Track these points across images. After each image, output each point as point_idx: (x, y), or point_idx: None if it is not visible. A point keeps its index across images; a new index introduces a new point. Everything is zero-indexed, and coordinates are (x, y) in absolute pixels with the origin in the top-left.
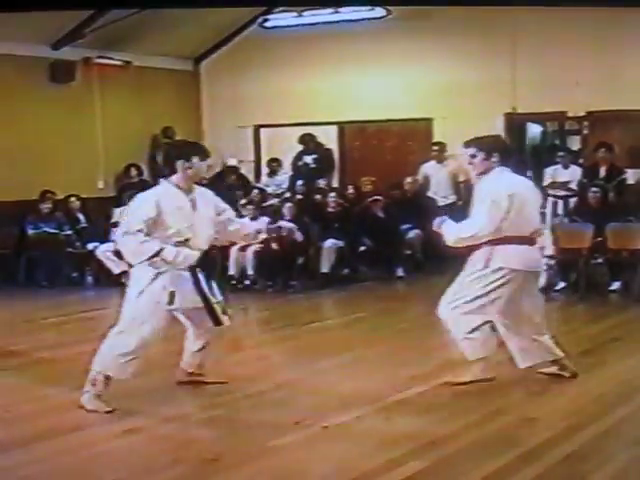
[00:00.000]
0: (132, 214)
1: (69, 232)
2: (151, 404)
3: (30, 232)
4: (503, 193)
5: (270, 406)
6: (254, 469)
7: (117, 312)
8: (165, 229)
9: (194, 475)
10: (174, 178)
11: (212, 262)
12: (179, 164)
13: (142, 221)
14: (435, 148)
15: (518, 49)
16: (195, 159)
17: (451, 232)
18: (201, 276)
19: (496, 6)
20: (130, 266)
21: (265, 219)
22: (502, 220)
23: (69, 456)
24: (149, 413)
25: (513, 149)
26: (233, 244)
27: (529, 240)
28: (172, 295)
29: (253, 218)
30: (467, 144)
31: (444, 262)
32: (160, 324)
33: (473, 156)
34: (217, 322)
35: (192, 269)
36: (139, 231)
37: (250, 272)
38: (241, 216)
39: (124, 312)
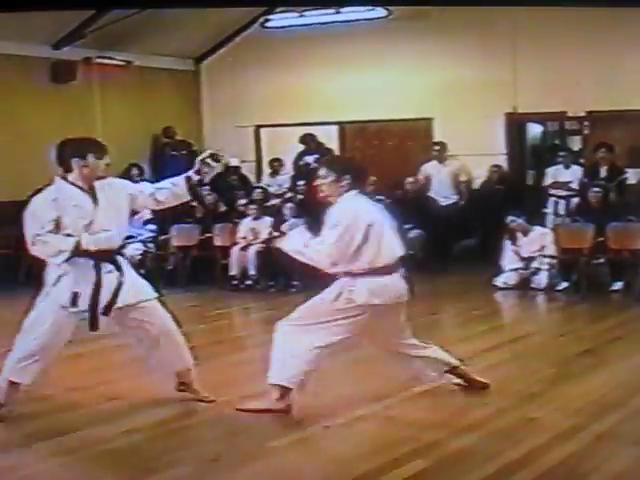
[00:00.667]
0: (35, 218)
1: None
2: (150, 405)
3: None
4: (361, 223)
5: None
6: (254, 469)
7: None
8: (63, 229)
9: (194, 475)
10: (70, 176)
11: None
12: (74, 162)
13: (48, 222)
14: (436, 148)
15: (518, 49)
16: (91, 157)
17: (294, 241)
18: (112, 275)
19: (495, 6)
20: None
21: (268, 219)
22: (355, 251)
23: (69, 456)
24: (149, 414)
25: (366, 172)
26: (234, 244)
27: (391, 269)
28: (75, 296)
29: (256, 218)
30: (319, 163)
31: (446, 262)
32: (63, 326)
33: (324, 177)
34: (93, 327)
35: (97, 267)
36: (50, 232)
37: (252, 272)
38: (244, 215)
39: (29, 314)
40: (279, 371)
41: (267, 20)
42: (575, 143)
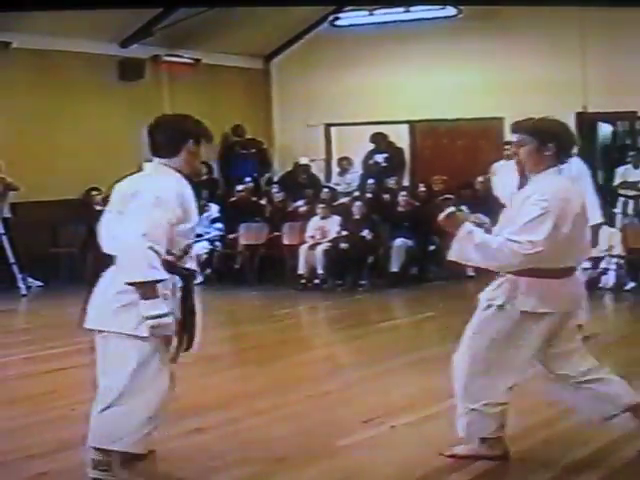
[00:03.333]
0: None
1: None
2: (216, 404)
3: (98, 230)
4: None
5: (338, 405)
6: (321, 469)
7: None
8: None
9: (261, 474)
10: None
11: None
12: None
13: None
14: (507, 147)
15: (588, 48)
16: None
17: (478, 243)
18: None
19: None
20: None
21: (337, 218)
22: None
23: None
24: (217, 412)
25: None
26: (302, 243)
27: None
28: None
29: (324, 217)
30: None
31: None
32: None
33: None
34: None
35: None
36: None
37: (320, 271)
38: (313, 214)
39: None
40: (476, 425)
41: (337, 18)
42: None
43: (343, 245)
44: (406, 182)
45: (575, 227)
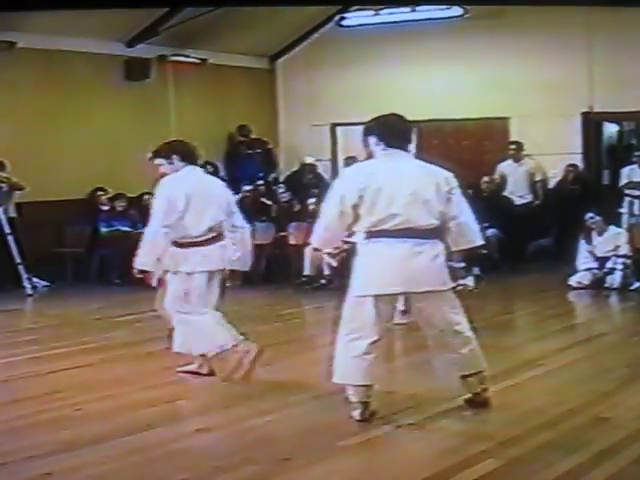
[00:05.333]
0: None
1: (143, 230)
2: (221, 404)
3: (103, 230)
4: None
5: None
6: (326, 468)
7: None
8: None
9: (265, 474)
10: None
11: None
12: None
13: None
14: (512, 147)
15: (594, 48)
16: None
17: None
18: None
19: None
20: None
21: None
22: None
23: (138, 455)
24: (221, 412)
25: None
26: (307, 243)
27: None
28: None
29: None
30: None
31: (521, 262)
32: None
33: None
34: None
35: None
36: None
37: (326, 271)
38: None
39: None
40: None
41: (342, 18)
42: None
43: (348, 245)
44: None
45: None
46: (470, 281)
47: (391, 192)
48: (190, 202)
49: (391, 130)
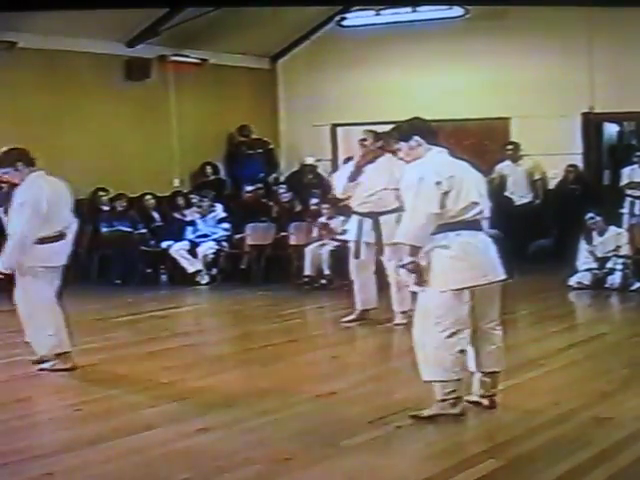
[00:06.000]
0: None
1: (143, 230)
2: (222, 404)
3: (104, 230)
4: None
5: (343, 405)
6: (326, 469)
7: (190, 311)
8: None
9: (266, 474)
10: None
11: None
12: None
13: None
14: (509, 147)
15: (595, 48)
16: None
17: None
18: None
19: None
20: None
21: (341, 218)
22: None
23: (138, 456)
24: (222, 412)
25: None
26: (309, 243)
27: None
28: None
29: (330, 217)
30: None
31: (521, 262)
32: None
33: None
34: None
35: None
36: None
37: (326, 271)
38: (319, 215)
39: None
40: None
41: (343, 19)
42: None
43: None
44: None
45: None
46: None
47: (468, 183)
48: (50, 204)
49: (429, 129)
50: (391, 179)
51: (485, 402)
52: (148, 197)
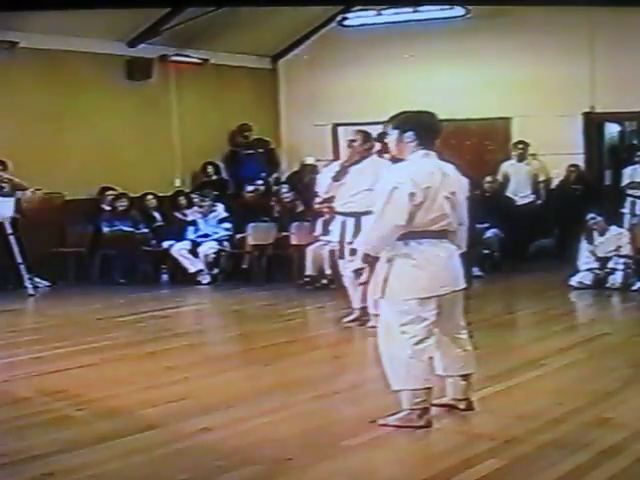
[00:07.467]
0: None
1: (145, 230)
2: (223, 404)
3: (105, 230)
4: None
5: (345, 405)
6: (328, 468)
7: (191, 311)
8: None
9: (267, 474)
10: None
11: None
12: None
13: None
14: (520, 147)
15: (596, 48)
16: None
17: None
18: None
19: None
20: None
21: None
22: None
23: (140, 455)
24: (223, 412)
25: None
26: (310, 243)
27: None
28: None
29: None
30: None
31: (522, 261)
32: None
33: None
34: None
35: None
36: None
37: (327, 271)
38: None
39: None
40: None
41: (344, 18)
42: None
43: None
44: None
45: None
46: None
47: (442, 193)
48: None
49: (427, 130)
50: (376, 180)
51: (461, 405)
52: (149, 197)
